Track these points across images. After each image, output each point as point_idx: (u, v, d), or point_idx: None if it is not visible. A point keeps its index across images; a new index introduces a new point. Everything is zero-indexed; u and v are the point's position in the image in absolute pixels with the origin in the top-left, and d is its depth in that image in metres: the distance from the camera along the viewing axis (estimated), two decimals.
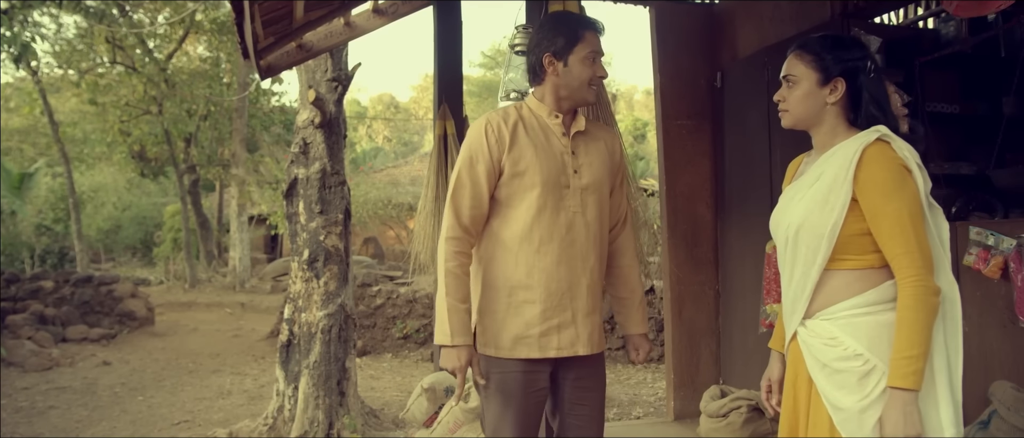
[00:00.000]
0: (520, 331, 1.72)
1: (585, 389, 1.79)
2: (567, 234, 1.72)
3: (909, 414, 1.29)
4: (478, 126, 1.75)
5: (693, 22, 3.97)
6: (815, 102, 1.48)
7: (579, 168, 1.76)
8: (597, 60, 1.75)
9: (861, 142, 1.40)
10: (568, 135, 1.78)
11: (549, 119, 1.78)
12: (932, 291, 1.33)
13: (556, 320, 1.71)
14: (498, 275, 1.74)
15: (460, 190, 1.73)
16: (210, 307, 10.88)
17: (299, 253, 4.31)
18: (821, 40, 1.51)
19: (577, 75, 1.73)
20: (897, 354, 1.32)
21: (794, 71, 1.51)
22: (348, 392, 4.21)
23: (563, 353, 1.72)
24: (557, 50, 1.73)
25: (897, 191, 1.36)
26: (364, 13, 3.91)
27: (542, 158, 1.72)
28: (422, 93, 33.14)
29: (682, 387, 3.82)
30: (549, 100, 1.78)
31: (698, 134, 3.91)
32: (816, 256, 1.42)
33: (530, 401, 1.73)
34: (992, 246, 2.41)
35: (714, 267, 3.90)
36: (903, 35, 3.63)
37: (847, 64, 1.46)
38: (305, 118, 4.43)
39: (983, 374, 2.38)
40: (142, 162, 14.84)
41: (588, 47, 1.72)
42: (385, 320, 7.40)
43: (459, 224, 1.72)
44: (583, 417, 1.78)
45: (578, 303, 1.73)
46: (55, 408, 5.07)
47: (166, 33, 12.92)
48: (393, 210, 14.55)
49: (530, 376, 1.72)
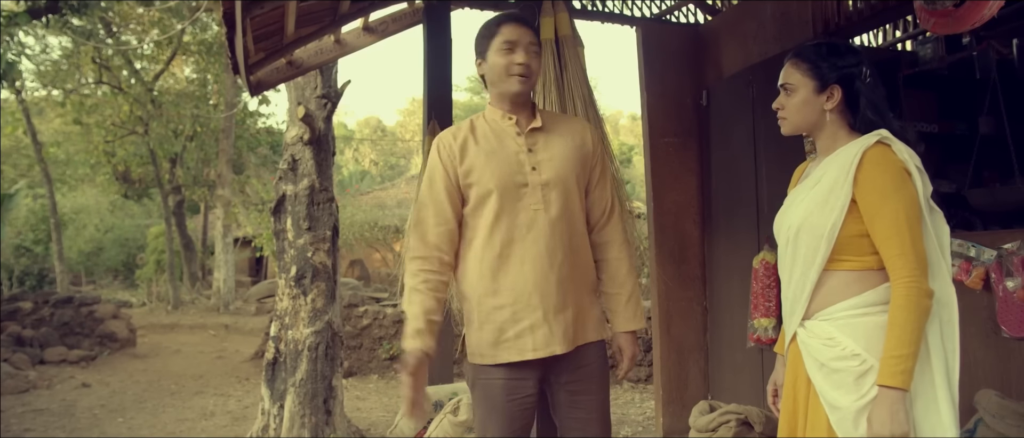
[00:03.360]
0: (495, 337, 1.71)
1: (578, 392, 1.76)
2: (529, 233, 1.71)
3: (896, 413, 1.30)
4: (432, 147, 1.80)
5: (679, 42, 4.04)
6: (813, 109, 1.51)
7: (538, 164, 1.75)
8: (515, 50, 1.74)
9: (862, 145, 1.43)
10: (523, 134, 1.78)
11: (503, 122, 1.79)
12: (924, 293, 1.34)
13: (527, 321, 1.70)
14: (469, 287, 1.75)
15: (423, 210, 1.77)
16: (193, 329, 10.72)
17: (286, 270, 4.28)
18: (816, 48, 1.54)
19: (494, 66, 1.75)
20: (887, 353, 1.33)
21: (791, 79, 1.54)
22: (334, 411, 4.15)
23: (540, 353, 1.70)
24: (480, 50, 1.79)
25: (895, 193, 1.38)
26: (354, 31, 3.96)
27: (493, 163, 1.73)
28: (409, 117, 33.25)
29: (671, 403, 3.82)
30: (495, 102, 1.82)
31: (685, 151, 3.97)
32: (815, 256, 1.44)
33: (514, 408, 1.71)
34: (974, 257, 2.45)
35: (702, 283, 3.92)
36: (883, 56, 3.72)
37: (843, 71, 1.49)
38: (294, 135, 4.43)
39: (968, 383, 2.40)
40: (126, 183, 14.71)
41: (502, 38, 1.74)
42: (371, 341, 7.33)
43: (424, 243, 1.74)
44: (580, 421, 1.76)
45: (548, 301, 1.70)
46: (31, 431, 4.94)
47: (153, 54, 12.91)
48: (379, 232, 14.48)
49: (513, 383, 1.71)
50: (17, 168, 16.46)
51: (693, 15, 4.31)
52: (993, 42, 3.19)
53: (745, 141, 3.57)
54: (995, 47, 3.21)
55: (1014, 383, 2.35)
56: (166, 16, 11.86)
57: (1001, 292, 2.36)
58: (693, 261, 3.93)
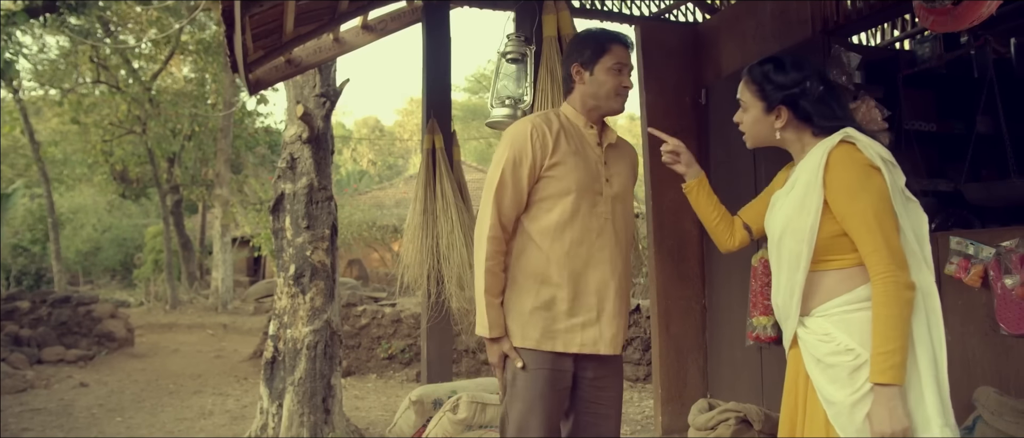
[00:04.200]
0: (546, 324, 1.77)
1: (601, 388, 1.83)
2: (598, 239, 1.79)
3: (894, 409, 1.31)
4: (522, 129, 1.81)
5: (678, 40, 4.05)
6: (765, 127, 1.56)
7: (610, 177, 1.85)
8: (623, 71, 1.83)
9: (826, 147, 1.45)
10: (601, 146, 1.87)
11: (585, 129, 1.87)
12: (904, 286, 1.35)
13: (581, 318, 1.77)
14: (529, 271, 1.79)
15: (503, 190, 1.78)
16: (191, 328, 10.70)
17: (285, 269, 4.27)
18: (762, 68, 1.56)
19: (603, 84, 1.82)
20: (874, 350, 1.34)
21: (743, 97, 1.59)
22: (333, 410, 4.15)
23: (586, 349, 1.78)
24: (584, 61, 1.84)
25: (862, 191, 1.39)
26: (353, 29, 3.96)
27: (580, 165, 1.80)
28: (407, 117, 33.21)
29: (670, 402, 3.82)
30: (579, 108, 1.87)
31: None
32: (799, 260, 1.45)
33: (557, 399, 1.78)
34: (972, 255, 2.46)
35: (701, 282, 3.92)
36: (882, 55, 3.73)
37: (786, 92, 1.51)
38: (293, 133, 4.42)
39: (966, 381, 2.42)
40: (124, 183, 14.68)
41: (614, 58, 1.82)
42: (370, 340, 7.33)
43: (499, 223, 1.78)
44: (598, 416, 1.83)
45: (605, 304, 1.79)
46: (29, 430, 4.93)
47: (151, 53, 12.89)
48: (378, 232, 14.47)
49: (557, 374, 1.77)
50: (15, 168, 16.42)
51: (692, 14, 4.31)
52: (990, 39, 3.19)
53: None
54: (993, 46, 3.22)
55: (1012, 380, 2.36)
56: (164, 15, 11.85)
57: (999, 289, 2.37)
58: (692, 259, 3.93)
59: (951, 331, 2.54)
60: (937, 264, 2.55)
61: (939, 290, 1.44)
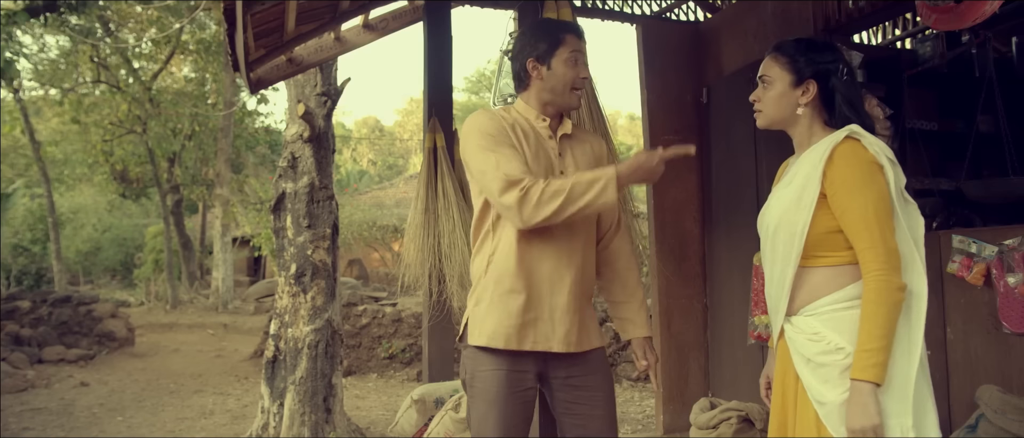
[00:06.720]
0: (501, 320, 1.71)
1: (578, 388, 1.76)
2: (552, 232, 1.72)
3: (866, 406, 1.31)
4: (485, 115, 1.77)
5: (679, 39, 4.04)
6: (788, 103, 1.53)
7: (565, 170, 1.79)
8: (580, 61, 1.78)
9: (832, 141, 1.45)
10: (555, 138, 1.82)
11: (537, 122, 1.81)
12: (895, 287, 1.35)
13: (533, 314, 1.71)
14: (485, 267, 1.76)
15: (502, 153, 1.66)
16: (192, 328, 10.70)
17: (286, 268, 4.27)
18: (796, 43, 1.56)
19: (560, 77, 1.76)
20: (859, 347, 1.34)
21: (769, 72, 1.57)
22: (334, 409, 4.15)
23: (538, 347, 1.71)
24: (540, 54, 1.77)
25: (864, 188, 1.39)
26: (354, 28, 3.96)
27: (532, 159, 1.74)
28: (407, 117, 33.22)
29: (671, 401, 3.82)
30: (535, 104, 1.82)
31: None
32: (791, 253, 1.45)
33: (515, 402, 1.71)
34: (975, 253, 2.46)
35: (702, 281, 3.92)
36: (883, 54, 3.73)
37: (819, 66, 1.51)
38: (294, 132, 4.42)
39: (969, 379, 2.42)
40: (124, 183, 14.68)
41: (569, 49, 1.76)
42: (370, 340, 7.33)
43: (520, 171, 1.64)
44: (584, 416, 1.75)
45: (557, 300, 1.72)
46: (30, 430, 4.93)
47: (151, 53, 12.89)
48: (378, 232, 14.48)
49: (514, 375, 1.70)
50: (15, 167, 16.43)
51: (693, 12, 4.31)
52: (990, 37, 3.20)
53: (745, 139, 3.58)
54: (994, 44, 3.22)
55: (1015, 378, 2.36)
56: (164, 15, 11.85)
57: (1002, 288, 2.37)
58: (693, 258, 3.93)
59: (954, 330, 2.55)
60: (940, 262, 2.56)
61: (941, 288, 1.44)
